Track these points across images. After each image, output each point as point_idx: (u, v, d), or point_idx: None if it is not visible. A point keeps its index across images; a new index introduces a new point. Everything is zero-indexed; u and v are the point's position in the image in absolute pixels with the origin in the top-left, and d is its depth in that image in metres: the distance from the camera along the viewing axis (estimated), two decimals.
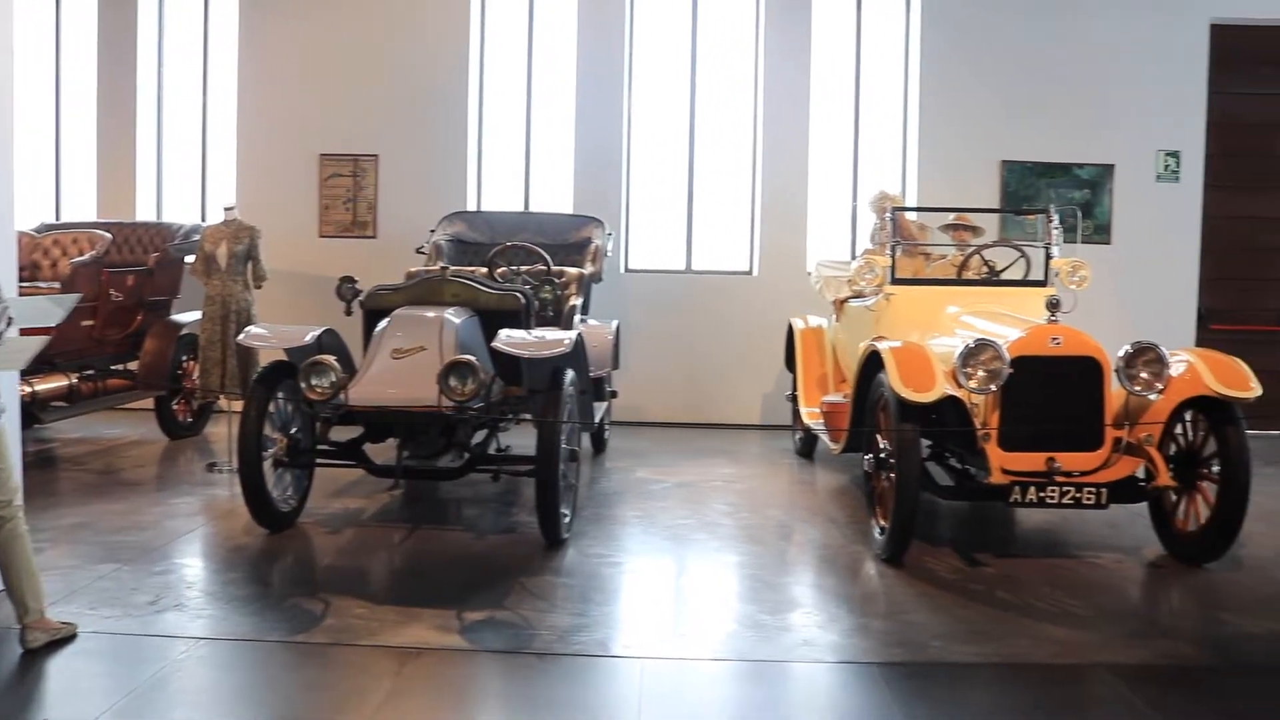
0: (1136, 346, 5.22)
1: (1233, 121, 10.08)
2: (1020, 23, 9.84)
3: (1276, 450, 9.15)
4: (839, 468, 7.68)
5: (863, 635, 4.32)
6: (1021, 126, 9.84)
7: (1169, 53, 9.90)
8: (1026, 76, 9.82)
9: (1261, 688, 3.91)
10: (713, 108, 10.12)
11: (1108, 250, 9.73)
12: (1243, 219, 10.12)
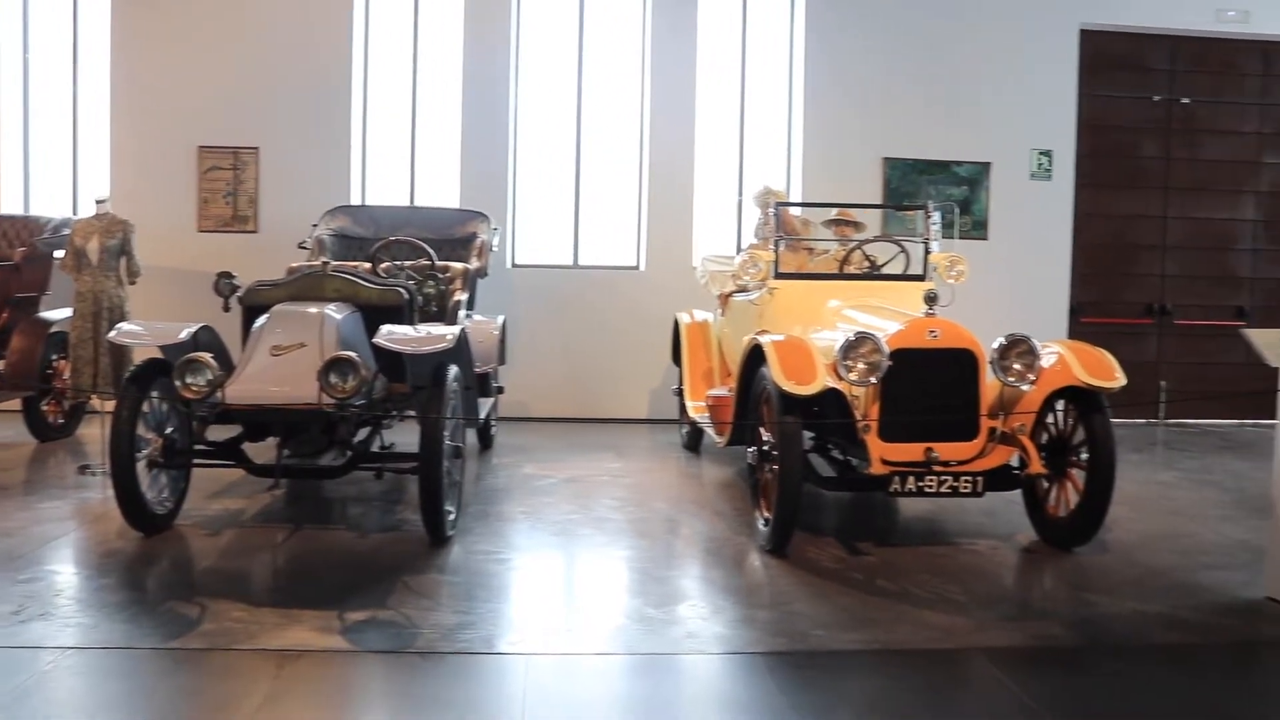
0: (1010, 339, 5.37)
1: (1101, 123, 10.47)
2: (901, 25, 10.07)
3: (1143, 438, 9.53)
4: (725, 461, 7.76)
5: (748, 626, 4.37)
6: (903, 125, 10.07)
7: (1042, 56, 10.24)
8: (908, 77, 10.05)
9: (1124, 665, 4.05)
10: (600, 102, 10.12)
11: (985, 245, 10.01)
12: (1111, 217, 10.51)
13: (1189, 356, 10.47)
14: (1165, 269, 10.59)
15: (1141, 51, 10.57)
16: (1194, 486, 7.42)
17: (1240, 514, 6.45)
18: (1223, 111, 10.66)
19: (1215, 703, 3.77)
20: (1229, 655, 4.23)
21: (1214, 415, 10.32)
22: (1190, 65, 10.62)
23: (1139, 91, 10.61)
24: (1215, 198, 10.64)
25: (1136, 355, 10.31)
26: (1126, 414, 9.99)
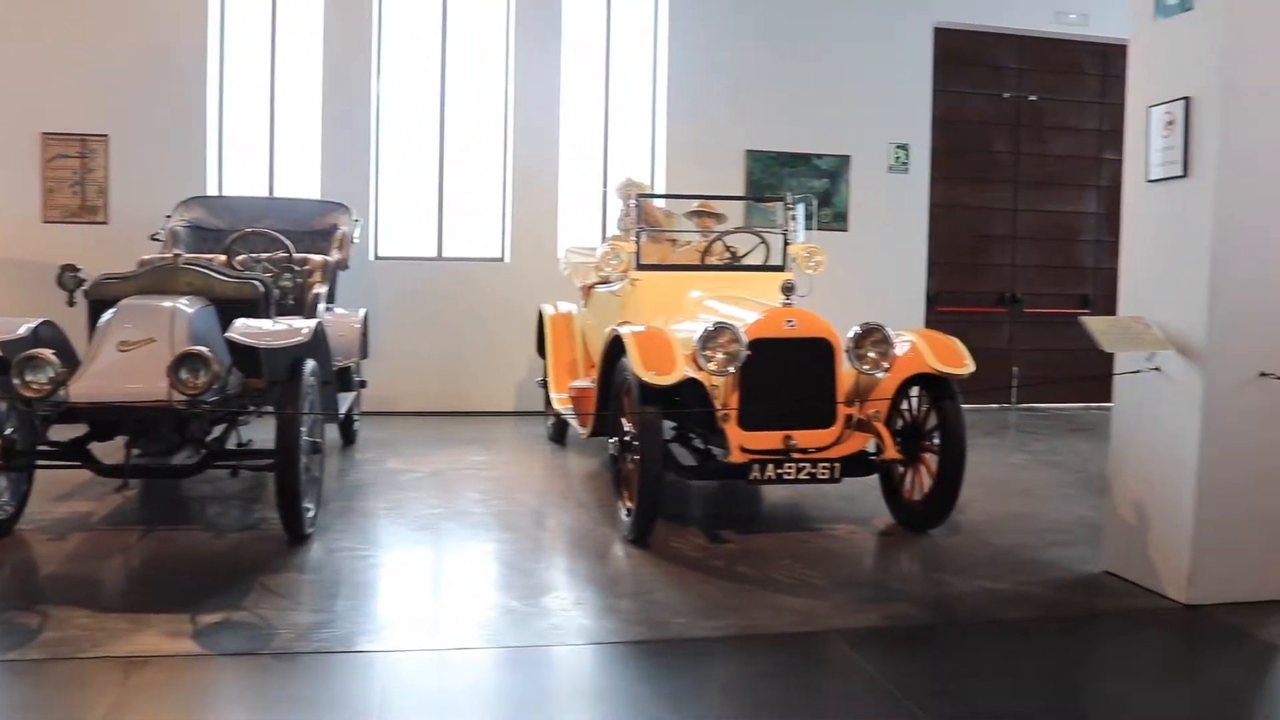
0: (865, 327, 5.50)
1: (955, 118, 10.80)
2: (763, 21, 10.23)
3: (996, 422, 9.88)
4: (590, 452, 7.78)
5: (610, 616, 4.39)
6: (765, 118, 10.22)
7: (898, 53, 10.52)
8: (770, 72, 10.21)
9: (972, 640, 4.21)
10: (464, 92, 10.03)
11: (845, 236, 10.25)
12: (965, 209, 10.86)
13: (1038, 343, 10.89)
14: (1016, 259, 11.01)
15: (991, 50, 10.95)
16: (1042, 468, 7.72)
17: (1083, 493, 6.73)
18: (1067, 109, 11.10)
19: (1054, 672, 3.93)
20: (1069, 627, 4.41)
21: (1062, 399, 10.76)
22: (1037, 64, 11.05)
23: (990, 88, 10.99)
24: (1061, 191, 11.09)
25: (989, 342, 10.69)
26: (980, 399, 10.35)
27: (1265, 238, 4.50)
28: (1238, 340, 4.50)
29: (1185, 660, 4.23)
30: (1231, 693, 3.83)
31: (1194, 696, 3.84)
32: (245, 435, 5.97)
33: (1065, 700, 3.70)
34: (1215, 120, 4.46)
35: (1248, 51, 4.46)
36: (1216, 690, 3.87)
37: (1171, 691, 3.88)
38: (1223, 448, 4.51)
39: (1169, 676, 4.05)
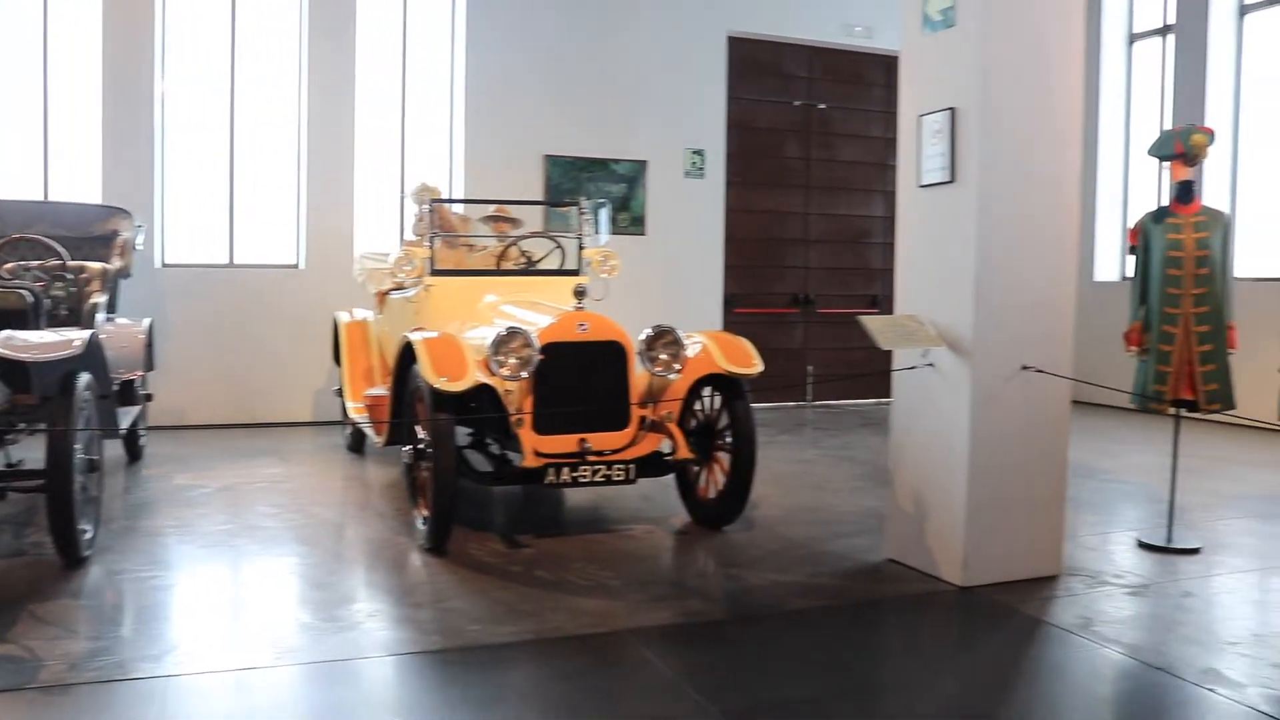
0: (656, 330, 5.59)
1: (749, 125, 11.09)
2: (561, 26, 10.28)
3: (792, 420, 10.18)
4: (389, 461, 7.66)
5: (406, 626, 4.33)
6: (564, 124, 10.27)
7: (694, 61, 10.73)
8: (568, 77, 10.26)
9: (762, 632, 4.33)
10: (254, 93, 9.71)
11: (643, 240, 10.40)
12: (759, 213, 11.16)
13: (831, 342, 11.29)
14: (808, 261, 11.38)
15: (783, 59, 11.29)
16: (834, 462, 8.00)
17: (871, 485, 7.02)
18: (855, 117, 11.55)
19: (839, 657, 4.08)
20: (853, 614, 4.59)
21: (855, 396, 11.19)
22: (826, 74, 11.46)
23: (782, 96, 11.33)
24: (850, 196, 11.53)
25: (785, 342, 11.05)
26: (777, 397, 10.67)
27: (1022, 240, 4.80)
28: (1001, 336, 4.78)
29: (960, 638, 4.46)
30: (1001, 664, 4.06)
31: (969, 670, 4.05)
32: (16, 455, 5.64)
33: (849, 683, 3.85)
34: (976, 130, 4.72)
35: (1002, 67, 4.74)
36: (988, 663, 4.09)
37: (948, 667, 4.08)
38: (990, 437, 4.79)
39: (946, 654, 4.26)
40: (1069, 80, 4.92)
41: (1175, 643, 4.24)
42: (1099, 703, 3.76)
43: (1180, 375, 5.42)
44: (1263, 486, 7.24)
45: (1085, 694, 3.81)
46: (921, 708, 3.68)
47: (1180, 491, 6.18)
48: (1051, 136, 4.87)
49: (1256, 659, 4.05)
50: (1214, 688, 3.76)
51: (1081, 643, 4.21)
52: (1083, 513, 6.35)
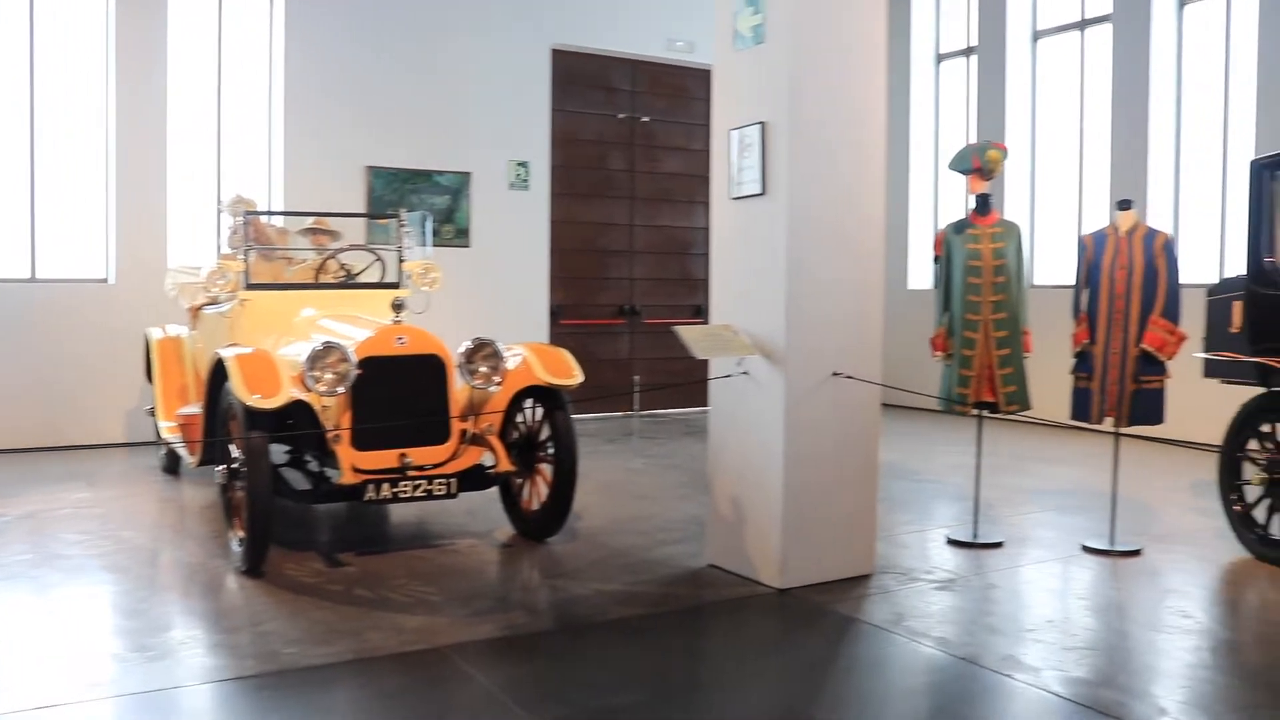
0: (475, 343, 5.56)
1: (573, 137, 11.14)
2: (385, 36, 10.13)
3: (620, 429, 10.25)
4: (206, 482, 7.40)
5: (220, 653, 4.19)
6: (386, 135, 10.13)
7: (518, 73, 10.73)
8: (391, 88, 10.13)
9: (583, 643, 4.35)
10: (58, 100, 9.25)
11: (468, 253, 10.33)
12: (584, 224, 11.23)
13: (657, 352, 11.42)
14: (633, 272, 11.50)
15: (606, 72, 11.40)
16: (659, 471, 8.10)
17: (695, 492, 7.12)
18: (677, 130, 11.74)
19: (659, 663, 4.14)
20: (675, 620, 4.66)
21: (680, 404, 11.35)
22: (649, 87, 11.61)
23: (606, 109, 11.42)
24: (674, 208, 11.71)
25: (611, 353, 11.14)
26: (605, 407, 10.74)
27: (829, 251, 4.97)
28: (812, 344, 4.93)
29: (778, 639, 4.56)
30: (817, 663, 4.18)
31: (786, 670, 4.14)
32: None
33: (670, 688, 3.91)
34: (786, 143, 4.86)
35: (811, 82, 4.90)
36: (805, 662, 4.20)
37: (766, 668, 4.16)
38: (803, 443, 4.93)
39: (764, 655, 4.35)
40: (874, 96, 5.11)
41: (979, 633, 4.44)
42: (909, 694, 3.90)
43: (981, 378, 5.69)
44: (1060, 482, 7.65)
45: (896, 686, 3.96)
46: (741, 708, 3.76)
47: (986, 489, 6.48)
48: (858, 150, 5.06)
49: (1050, 644, 4.28)
50: (1013, 674, 3.96)
51: (893, 638, 4.37)
52: (896, 512, 6.59)
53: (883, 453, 5.36)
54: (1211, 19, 9.79)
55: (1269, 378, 5.58)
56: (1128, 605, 4.89)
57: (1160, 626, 4.56)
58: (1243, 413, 5.68)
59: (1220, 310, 6.11)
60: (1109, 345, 5.64)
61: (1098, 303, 5.69)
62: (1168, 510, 6.70)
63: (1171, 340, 5.53)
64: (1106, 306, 5.65)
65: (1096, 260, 5.72)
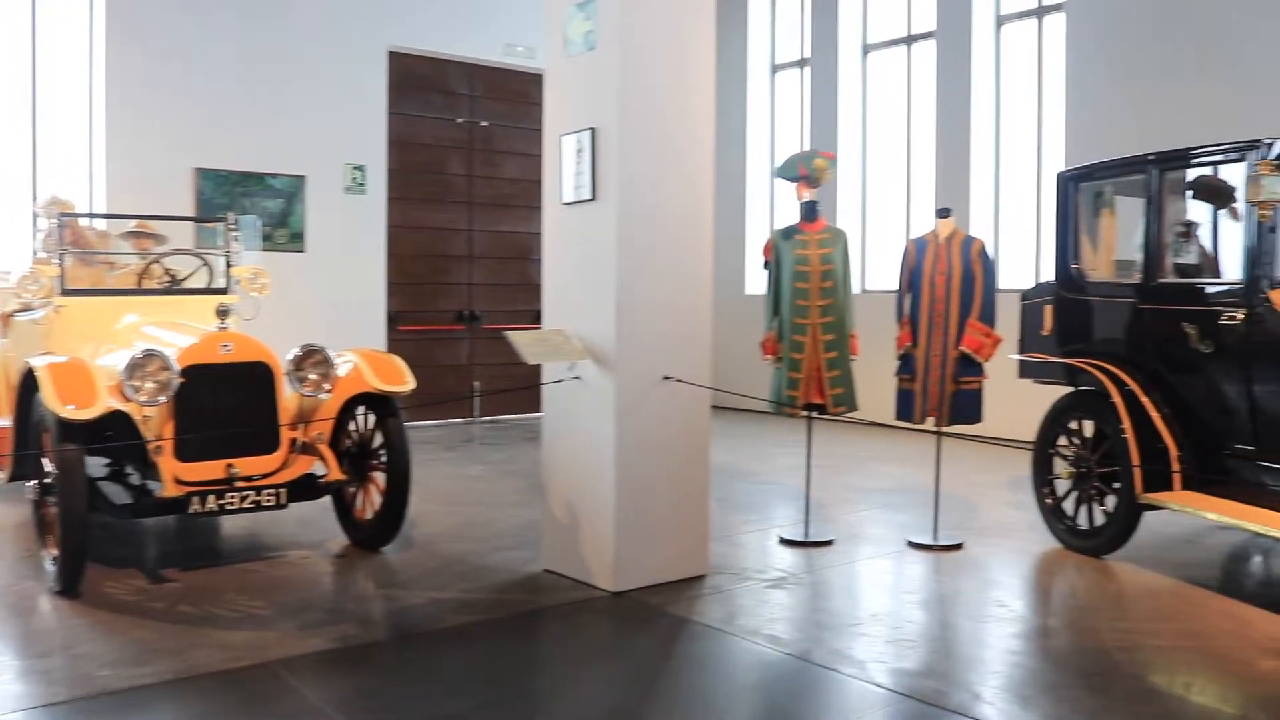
0: (304, 349, 5.44)
1: (411, 140, 11.01)
2: (212, 34, 9.81)
3: (460, 436, 10.17)
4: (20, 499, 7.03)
5: (30, 679, 3.99)
6: (217, 135, 9.82)
7: (354, 74, 10.54)
8: (221, 87, 9.83)
9: (416, 653, 4.30)
10: None
11: (303, 257, 10.11)
12: (421, 229, 11.10)
13: (498, 358, 11.32)
14: (473, 278, 11.42)
15: (445, 76, 11.29)
16: (499, 477, 8.06)
17: (533, 498, 7.09)
18: (516, 135, 11.70)
19: (492, 670, 4.11)
20: (510, 626, 4.64)
21: (521, 410, 11.31)
22: (488, 92, 11.55)
23: (444, 113, 11.32)
24: (514, 213, 11.67)
25: (451, 359, 11.05)
26: (445, 414, 10.64)
27: (658, 256, 5.03)
28: (643, 348, 4.99)
29: (613, 642, 4.59)
30: (650, 664, 4.23)
31: (619, 673, 4.18)
32: None
33: (503, 694, 3.89)
34: (615, 149, 4.91)
35: (640, 89, 4.96)
36: (638, 664, 4.25)
37: (600, 671, 4.20)
38: (635, 446, 4.98)
39: (598, 659, 4.38)
40: (703, 103, 5.21)
41: (809, 629, 4.56)
42: (740, 692, 3.98)
43: (810, 381, 5.84)
44: (888, 480, 7.91)
45: (728, 685, 4.03)
46: (573, 712, 3.78)
47: (818, 489, 6.66)
48: (688, 156, 5.14)
49: (874, 637, 4.43)
50: (840, 668, 4.09)
51: (725, 637, 4.45)
52: (732, 513, 6.71)
53: (721, 455, 5.47)
54: (1026, 38, 10.28)
55: (1076, 377, 5.89)
56: (949, 597, 5.09)
57: (979, 616, 4.76)
58: (1053, 411, 5.98)
59: (1033, 314, 6.42)
60: (930, 348, 5.86)
61: (919, 307, 5.91)
62: (987, 505, 7.00)
63: (988, 343, 5.78)
64: (927, 310, 5.87)
65: (918, 266, 5.94)
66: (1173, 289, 5.53)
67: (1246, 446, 5.13)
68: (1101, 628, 4.63)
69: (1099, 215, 6.12)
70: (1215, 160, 5.45)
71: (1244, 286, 5.06)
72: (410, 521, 5.84)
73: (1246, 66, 8.30)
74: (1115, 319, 5.81)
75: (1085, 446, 5.80)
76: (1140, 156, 5.69)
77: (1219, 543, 6.09)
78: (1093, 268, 6.11)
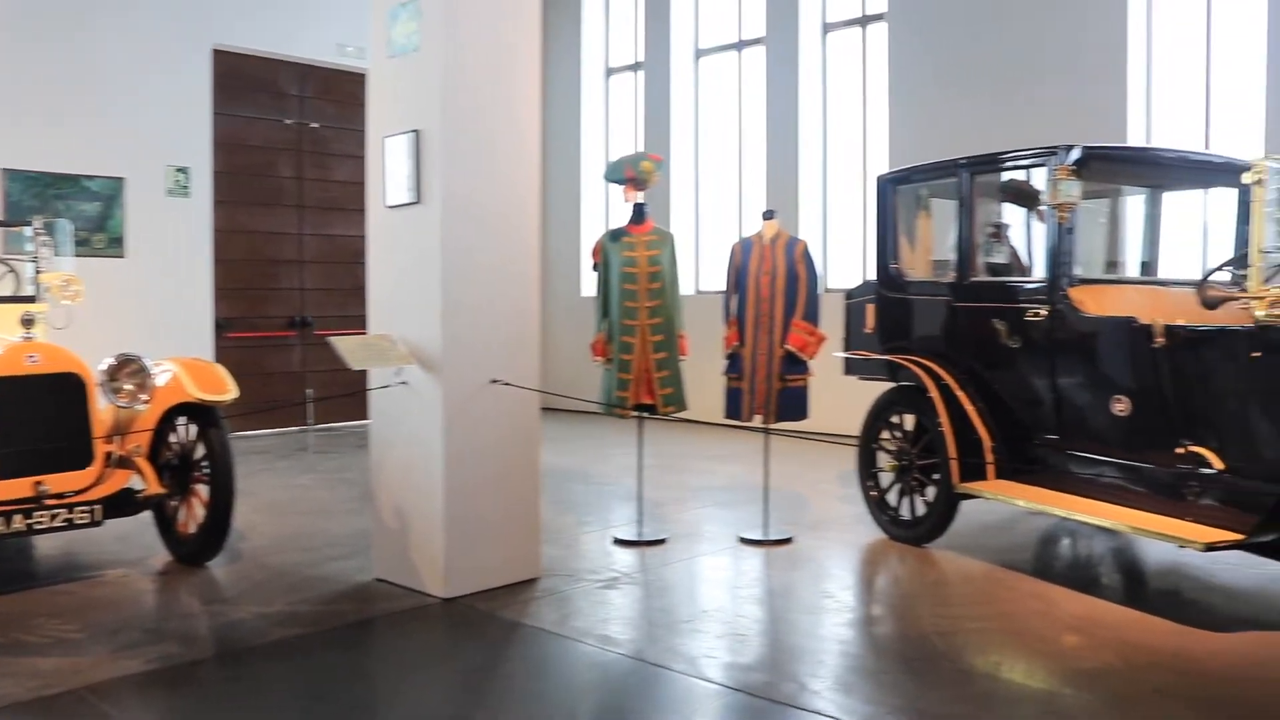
0: (119, 359, 5.25)
1: (238, 142, 10.70)
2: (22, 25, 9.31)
3: (293, 444, 9.94)
4: None
5: None
6: (25, 134, 9.34)
7: (175, 72, 10.18)
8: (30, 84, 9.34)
9: (239, 670, 4.18)
10: None
11: (123, 263, 9.73)
12: (250, 233, 10.79)
13: (331, 364, 11.01)
14: (304, 283, 11.16)
15: (274, 76, 11.00)
16: (331, 485, 7.89)
17: (366, 506, 6.94)
18: (348, 137, 11.47)
19: (322, 684, 4.03)
20: (339, 638, 4.54)
21: (356, 417, 11.06)
22: (319, 93, 11.30)
23: (273, 114, 11.03)
24: (346, 216, 11.43)
25: (283, 366, 10.79)
26: (277, 422, 10.38)
27: (484, 258, 5.02)
28: (470, 351, 4.96)
29: (444, 649, 4.55)
30: (482, 670, 4.20)
31: (449, 680, 4.15)
32: None
33: (332, 708, 3.80)
34: (440, 152, 4.87)
35: (465, 91, 4.94)
36: (470, 670, 4.22)
37: (429, 679, 4.15)
38: (463, 450, 4.95)
39: (429, 667, 4.32)
40: (529, 106, 5.20)
41: (641, 628, 4.61)
42: (572, 694, 3.99)
43: (640, 381, 5.90)
44: (720, 478, 8.05)
45: (560, 687, 4.03)
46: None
47: (653, 488, 6.74)
48: (514, 158, 5.14)
49: (706, 633, 4.51)
50: (671, 665, 4.14)
51: (558, 640, 4.46)
52: (567, 515, 6.73)
53: (557, 457, 5.48)
54: (852, 45, 10.60)
55: (897, 374, 6.10)
56: (779, 591, 5.21)
57: (807, 608, 4.89)
58: (876, 406, 6.19)
59: (857, 313, 6.63)
60: (756, 347, 5.99)
61: (745, 307, 6.03)
62: (816, 499, 7.19)
63: (812, 341, 5.94)
64: (753, 310, 6.00)
65: (744, 267, 6.06)
66: (984, 287, 5.79)
67: (1053, 436, 5.40)
68: (922, 613, 4.81)
69: (916, 217, 6.36)
70: (1020, 165, 5.72)
71: (1047, 285, 5.33)
72: (237, 534, 5.67)
73: (1054, 76, 8.74)
74: (932, 317, 6.04)
75: (907, 440, 6.02)
76: (952, 161, 5.93)
77: (1031, 528, 6.39)
78: (911, 267, 6.34)
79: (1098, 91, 8.55)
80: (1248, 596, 5.06)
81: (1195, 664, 4.13)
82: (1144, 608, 4.87)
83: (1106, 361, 5.10)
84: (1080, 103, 8.54)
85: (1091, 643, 4.38)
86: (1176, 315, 4.99)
